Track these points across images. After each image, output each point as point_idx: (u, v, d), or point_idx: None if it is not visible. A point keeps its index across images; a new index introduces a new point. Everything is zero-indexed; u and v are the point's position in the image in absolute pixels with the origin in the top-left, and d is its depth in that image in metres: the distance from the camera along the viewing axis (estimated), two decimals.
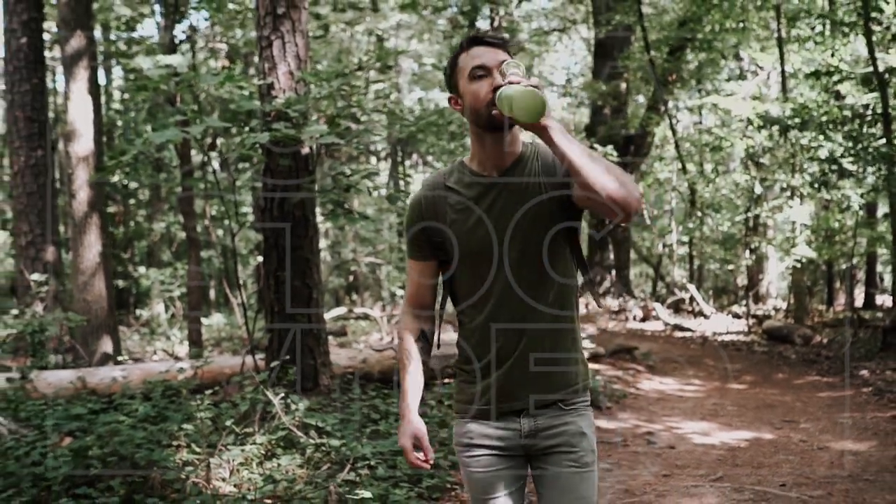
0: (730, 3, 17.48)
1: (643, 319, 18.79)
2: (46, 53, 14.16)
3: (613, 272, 22.20)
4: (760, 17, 18.34)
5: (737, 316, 19.22)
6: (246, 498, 5.06)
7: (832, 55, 13.63)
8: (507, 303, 2.76)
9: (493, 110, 2.63)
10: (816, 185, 14.38)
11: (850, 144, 13.11)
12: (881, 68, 12.17)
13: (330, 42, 23.35)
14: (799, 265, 16.58)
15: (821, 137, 13.74)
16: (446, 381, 9.23)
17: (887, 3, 12.20)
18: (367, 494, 5.06)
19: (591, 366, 11.62)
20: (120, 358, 10.12)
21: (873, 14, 12.37)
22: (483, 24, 22.76)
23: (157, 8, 19.52)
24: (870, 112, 13.10)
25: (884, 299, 21.20)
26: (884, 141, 12.37)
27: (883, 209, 19.09)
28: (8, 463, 5.53)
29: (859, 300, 19.61)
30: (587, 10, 23.64)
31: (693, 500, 5.86)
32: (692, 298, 19.78)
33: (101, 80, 14.53)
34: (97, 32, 17.88)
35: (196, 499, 5.04)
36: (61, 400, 7.54)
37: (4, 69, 12.35)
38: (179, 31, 15.72)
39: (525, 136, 2.82)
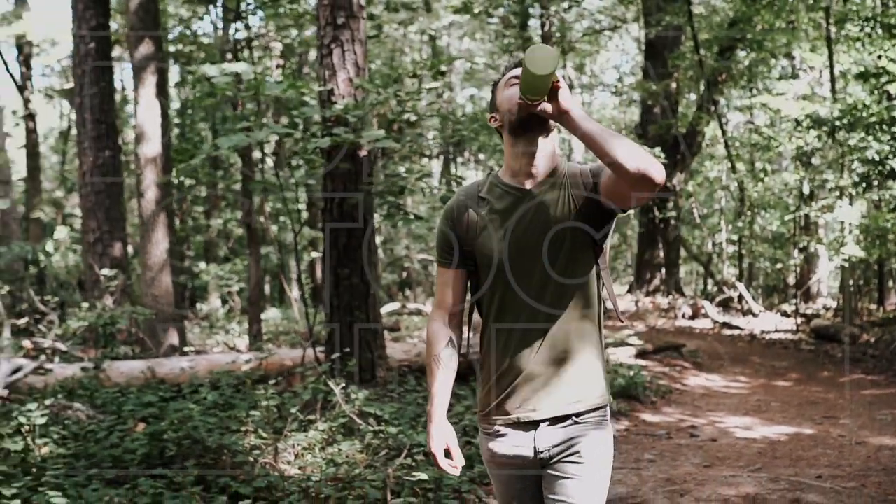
0: (780, 4, 17.59)
1: (692, 317, 18.91)
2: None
3: (663, 270, 22.34)
4: (810, 18, 18.41)
5: (786, 314, 19.30)
6: (311, 479, 5.44)
7: (879, 57, 13.72)
8: (528, 313, 2.84)
9: (519, 100, 2.73)
10: (863, 186, 14.49)
11: None
12: None
13: (383, 42, 23.70)
14: (847, 264, 16.63)
15: (869, 138, 13.84)
16: None
17: None
18: (424, 476, 5.43)
19: (639, 362, 11.90)
20: (186, 349, 10.58)
21: None
22: (534, 24, 23.00)
23: (213, 9, 19.99)
24: None
25: None
26: None
27: None
28: (89, 445, 5.98)
29: None
30: (638, 9, 23.78)
31: (730, 489, 6.15)
32: (741, 297, 19.88)
33: None
34: None
35: (264, 479, 5.43)
36: (133, 388, 8.01)
37: (73, 73, 12.85)
38: (234, 29, 16.15)
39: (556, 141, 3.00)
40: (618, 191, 2.70)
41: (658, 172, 2.54)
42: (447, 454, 2.95)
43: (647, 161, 2.53)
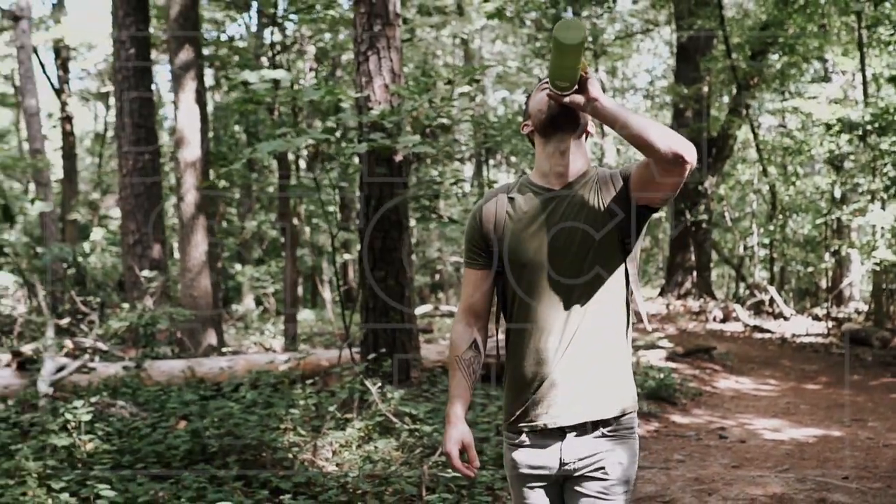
0: (812, 7, 17.60)
1: (723, 320, 18.93)
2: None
3: (694, 273, 22.35)
4: (842, 22, 18.41)
5: (817, 318, 19.26)
6: (348, 475, 5.62)
7: None
8: (554, 315, 2.78)
9: (547, 92, 2.69)
10: (894, 189, 14.49)
11: None
12: None
13: (416, 45, 23.84)
14: (879, 268, 16.59)
15: None
16: None
17: None
18: (458, 473, 5.59)
19: (669, 364, 12.00)
20: (224, 349, 10.80)
21: None
22: None
23: (247, 14, 20.23)
24: None
25: None
26: None
27: None
28: (133, 441, 6.18)
29: None
30: (670, 12, 23.80)
31: (758, 489, 6.27)
32: (772, 300, 19.86)
33: None
34: None
35: (304, 475, 5.62)
36: (174, 387, 8.22)
37: (113, 77, 13.10)
38: (269, 32, 16.37)
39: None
40: (649, 180, 2.66)
41: (689, 152, 2.51)
42: (464, 455, 2.90)
43: (678, 141, 2.52)
